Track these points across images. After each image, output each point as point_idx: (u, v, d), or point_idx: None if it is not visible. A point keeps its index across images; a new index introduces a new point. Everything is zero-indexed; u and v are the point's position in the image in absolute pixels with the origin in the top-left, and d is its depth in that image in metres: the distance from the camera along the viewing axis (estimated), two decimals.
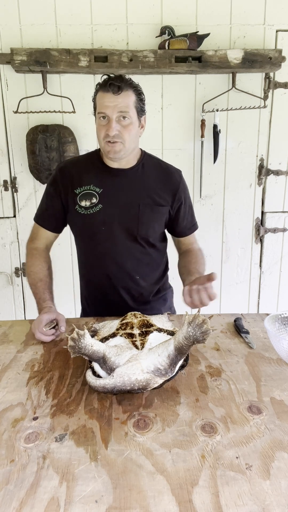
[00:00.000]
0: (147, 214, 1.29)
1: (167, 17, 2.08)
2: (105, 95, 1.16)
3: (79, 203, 1.28)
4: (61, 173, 1.33)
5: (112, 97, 1.16)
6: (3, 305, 2.42)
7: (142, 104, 1.23)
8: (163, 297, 1.48)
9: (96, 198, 1.28)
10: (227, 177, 2.32)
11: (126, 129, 1.19)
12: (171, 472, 0.64)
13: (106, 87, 1.16)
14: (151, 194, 1.30)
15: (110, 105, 1.16)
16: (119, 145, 1.20)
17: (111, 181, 1.29)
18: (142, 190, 1.30)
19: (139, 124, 1.25)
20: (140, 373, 0.79)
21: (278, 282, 2.51)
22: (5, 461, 0.67)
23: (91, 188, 1.29)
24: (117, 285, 1.35)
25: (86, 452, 0.68)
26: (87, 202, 1.28)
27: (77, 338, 0.79)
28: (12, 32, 2.06)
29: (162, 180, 1.33)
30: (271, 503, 0.58)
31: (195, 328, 0.76)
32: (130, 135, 1.21)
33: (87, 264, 1.39)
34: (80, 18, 2.06)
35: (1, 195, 2.26)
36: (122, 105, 1.16)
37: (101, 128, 1.20)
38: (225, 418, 0.77)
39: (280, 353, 0.97)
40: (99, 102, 1.19)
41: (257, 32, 2.13)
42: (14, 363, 1.00)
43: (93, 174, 1.30)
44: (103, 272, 1.34)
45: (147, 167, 1.33)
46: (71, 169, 1.33)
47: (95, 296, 1.42)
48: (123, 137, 1.19)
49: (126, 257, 1.32)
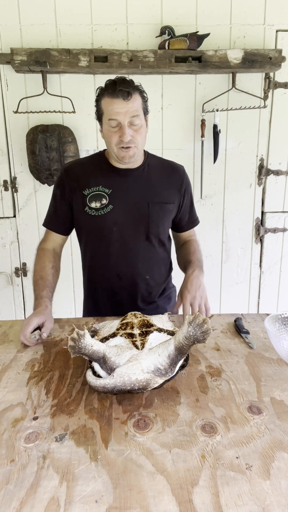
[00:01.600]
0: (157, 212, 1.31)
1: (167, 17, 2.08)
2: (115, 101, 1.15)
3: (89, 204, 1.28)
4: (67, 174, 1.33)
5: (123, 103, 1.15)
6: (3, 305, 2.42)
7: (146, 104, 1.24)
8: (168, 296, 1.49)
9: (106, 199, 1.28)
10: (227, 177, 2.32)
11: (138, 133, 1.20)
12: (171, 472, 0.64)
13: (114, 93, 1.14)
14: (158, 192, 1.31)
15: (121, 111, 1.16)
16: (133, 149, 1.21)
17: (119, 182, 1.30)
18: (150, 189, 1.31)
19: (146, 124, 1.26)
20: (140, 373, 0.79)
21: (278, 282, 2.51)
22: (5, 461, 0.67)
23: (100, 189, 1.29)
24: (126, 285, 1.35)
25: (86, 452, 0.68)
26: (97, 203, 1.28)
27: (77, 338, 0.79)
28: (12, 32, 2.06)
29: (167, 177, 1.34)
30: (271, 503, 0.58)
31: (196, 328, 0.76)
32: (142, 138, 1.22)
33: (95, 265, 1.38)
34: (80, 18, 2.06)
35: (1, 195, 2.26)
36: (133, 109, 1.17)
37: (112, 134, 1.20)
38: (225, 418, 0.77)
39: (280, 353, 0.97)
40: (108, 108, 1.17)
41: (257, 32, 2.13)
42: (14, 363, 1.00)
43: (100, 175, 1.30)
44: (113, 273, 1.34)
45: (152, 166, 1.34)
46: (77, 170, 1.33)
47: (103, 297, 1.41)
48: (136, 140, 1.20)
49: (137, 257, 1.33)
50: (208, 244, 2.38)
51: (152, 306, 1.40)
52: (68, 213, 1.35)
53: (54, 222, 1.38)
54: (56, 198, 1.36)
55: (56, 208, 1.36)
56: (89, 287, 1.45)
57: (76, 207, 1.32)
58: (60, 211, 1.35)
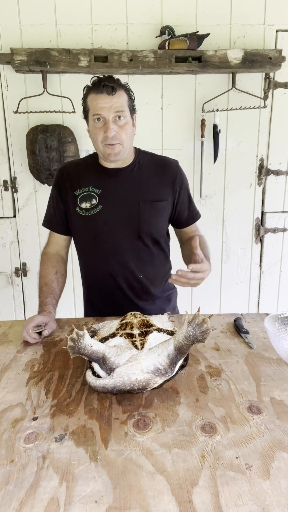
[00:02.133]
0: (148, 211, 1.30)
1: (167, 17, 2.08)
2: (99, 97, 1.17)
3: (79, 205, 1.29)
4: (61, 175, 1.35)
5: (107, 97, 1.16)
6: (3, 305, 2.42)
7: (133, 103, 1.25)
8: (168, 297, 1.48)
9: (96, 199, 1.28)
10: (227, 177, 2.32)
11: (123, 129, 1.20)
12: (171, 472, 0.64)
13: (99, 88, 1.16)
14: (149, 190, 1.31)
15: (105, 106, 1.16)
16: (118, 147, 1.21)
17: (109, 182, 1.30)
18: (140, 188, 1.30)
19: (132, 123, 1.26)
20: (140, 373, 0.79)
21: (278, 282, 2.51)
22: (5, 461, 0.67)
23: (90, 189, 1.29)
24: (121, 284, 1.35)
25: (86, 452, 0.68)
26: (87, 203, 1.28)
27: (76, 339, 0.79)
28: (12, 32, 2.06)
29: (159, 174, 1.33)
30: (271, 503, 0.58)
31: (195, 327, 0.76)
32: (127, 135, 1.22)
33: (90, 265, 1.39)
34: (80, 18, 2.06)
35: (1, 195, 2.26)
36: (118, 105, 1.17)
37: (97, 130, 1.20)
38: (225, 418, 0.77)
39: (280, 353, 0.97)
40: (92, 104, 1.19)
41: (257, 32, 2.13)
42: (14, 363, 1.00)
43: (91, 176, 1.31)
44: (107, 273, 1.34)
45: (143, 164, 1.34)
46: (70, 171, 1.34)
47: (100, 297, 1.41)
48: (121, 137, 1.20)
49: (129, 256, 1.32)
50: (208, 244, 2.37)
51: (150, 306, 1.39)
52: (65, 214, 1.35)
53: (53, 222, 1.38)
54: (53, 199, 1.37)
55: (54, 209, 1.37)
56: (86, 288, 1.46)
57: (69, 208, 1.33)
58: (59, 211, 1.36)
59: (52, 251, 1.39)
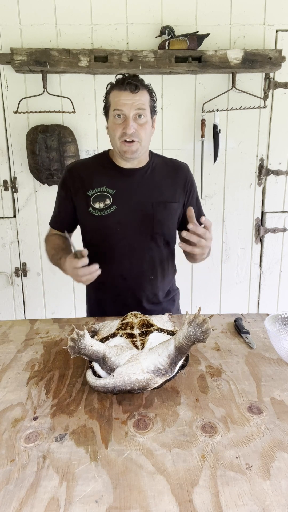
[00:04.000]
0: (161, 212, 1.30)
1: (167, 17, 2.08)
2: (122, 93, 1.17)
3: (93, 205, 1.28)
4: (70, 175, 1.33)
5: (130, 95, 1.16)
6: (3, 305, 2.42)
7: (154, 104, 1.25)
8: (173, 298, 1.48)
9: (109, 200, 1.28)
10: (227, 177, 2.32)
11: (143, 128, 1.20)
12: (171, 472, 0.64)
13: (123, 85, 1.16)
14: (163, 192, 1.31)
15: (127, 102, 1.17)
16: (136, 145, 1.21)
17: (123, 182, 1.29)
18: (154, 189, 1.30)
19: (152, 124, 1.26)
20: (140, 373, 0.79)
21: (278, 282, 2.51)
22: (5, 461, 0.67)
23: (104, 189, 1.29)
24: (131, 285, 1.34)
25: (86, 452, 0.68)
26: (100, 204, 1.28)
27: (76, 339, 0.79)
28: (12, 32, 2.06)
29: (171, 176, 1.34)
30: (271, 503, 0.58)
31: (196, 327, 0.76)
32: (146, 134, 1.22)
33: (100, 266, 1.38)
34: (80, 18, 2.06)
35: (1, 195, 2.26)
36: (139, 103, 1.18)
37: (116, 126, 1.20)
38: (225, 418, 0.77)
39: (280, 353, 0.97)
40: (114, 100, 1.19)
41: (257, 32, 2.13)
42: (14, 363, 1.00)
43: (104, 176, 1.30)
44: (117, 273, 1.33)
45: (156, 166, 1.34)
46: (81, 171, 1.33)
47: (107, 299, 1.40)
48: (139, 135, 1.20)
49: (142, 257, 1.32)
50: None
51: (157, 307, 1.39)
52: (71, 214, 1.35)
53: (57, 222, 1.40)
54: (60, 199, 1.37)
55: (59, 209, 1.38)
56: (93, 288, 1.44)
57: (80, 208, 1.32)
58: (64, 212, 1.36)
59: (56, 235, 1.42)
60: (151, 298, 1.38)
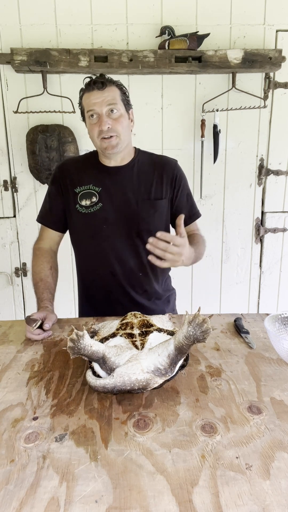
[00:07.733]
0: (146, 209, 1.30)
1: (167, 17, 2.08)
2: (91, 94, 1.20)
3: (80, 202, 1.30)
4: (61, 172, 1.35)
5: (98, 93, 1.19)
6: (3, 305, 2.42)
7: (127, 97, 1.26)
8: (167, 298, 1.48)
9: (96, 197, 1.29)
10: (227, 177, 2.32)
11: (118, 121, 1.22)
12: (171, 472, 0.63)
13: (90, 86, 1.20)
14: (148, 189, 1.31)
15: (97, 101, 1.19)
16: (115, 139, 1.22)
17: (109, 180, 1.31)
18: (139, 186, 1.31)
19: (129, 117, 1.27)
20: (140, 373, 0.79)
21: (278, 282, 2.51)
22: (5, 461, 0.67)
23: (91, 187, 1.30)
24: (121, 282, 1.35)
25: (86, 452, 0.68)
26: (87, 201, 1.29)
27: (76, 339, 0.79)
28: (12, 32, 2.06)
29: (158, 172, 1.34)
30: (271, 503, 0.58)
31: (195, 327, 0.76)
32: (122, 127, 1.23)
33: (89, 263, 1.39)
34: (80, 18, 2.06)
35: (1, 195, 2.27)
36: (109, 98, 1.19)
37: (93, 126, 1.23)
38: (225, 418, 0.77)
39: (280, 353, 0.97)
40: (86, 102, 1.22)
41: (257, 32, 2.13)
42: (14, 363, 1.00)
43: (92, 174, 1.32)
44: (107, 270, 1.34)
45: (142, 163, 1.34)
46: (70, 168, 1.35)
47: (99, 295, 1.41)
48: (116, 130, 1.21)
49: (129, 254, 1.33)
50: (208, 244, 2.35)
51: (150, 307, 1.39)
52: (62, 210, 1.36)
53: (49, 218, 1.39)
54: (50, 195, 1.37)
55: (51, 205, 1.37)
56: (84, 287, 1.45)
57: (68, 205, 1.33)
58: (55, 208, 1.36)
59: (46, 247, 1.39)
60: (142, 294, 1.38)
